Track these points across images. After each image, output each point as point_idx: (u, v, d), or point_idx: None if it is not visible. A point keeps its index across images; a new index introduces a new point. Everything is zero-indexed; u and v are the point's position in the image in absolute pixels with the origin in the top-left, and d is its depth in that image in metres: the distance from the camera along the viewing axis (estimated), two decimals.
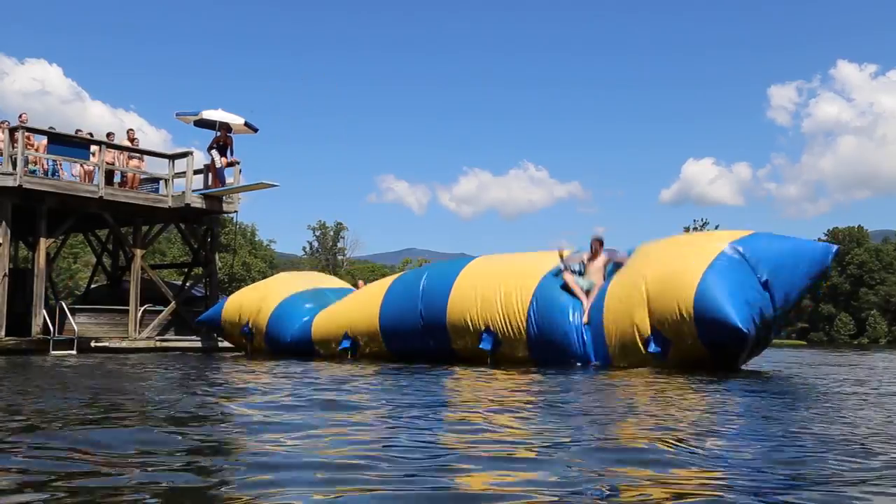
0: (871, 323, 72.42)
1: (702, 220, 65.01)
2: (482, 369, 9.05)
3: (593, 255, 10.27)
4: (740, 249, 8.84)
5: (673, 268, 9.04)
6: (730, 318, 8.24)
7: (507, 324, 10.30)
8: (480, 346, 10.47)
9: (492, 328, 10.42)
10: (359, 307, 12.30)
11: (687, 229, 64.63)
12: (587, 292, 9.88)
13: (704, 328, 8.49)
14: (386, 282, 12.65)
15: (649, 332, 8.96)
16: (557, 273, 10.27)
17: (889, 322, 72.53)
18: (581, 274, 10.18)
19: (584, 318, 9.69)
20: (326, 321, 12.59)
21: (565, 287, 10.08)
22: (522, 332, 10.16)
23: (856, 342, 66.11)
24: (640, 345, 9.05)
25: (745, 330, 8.23)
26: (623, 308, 9.24)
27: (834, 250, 9.23)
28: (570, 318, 9.73)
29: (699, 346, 8.68)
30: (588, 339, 9.59)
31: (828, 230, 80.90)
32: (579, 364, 9.50)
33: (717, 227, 63.32)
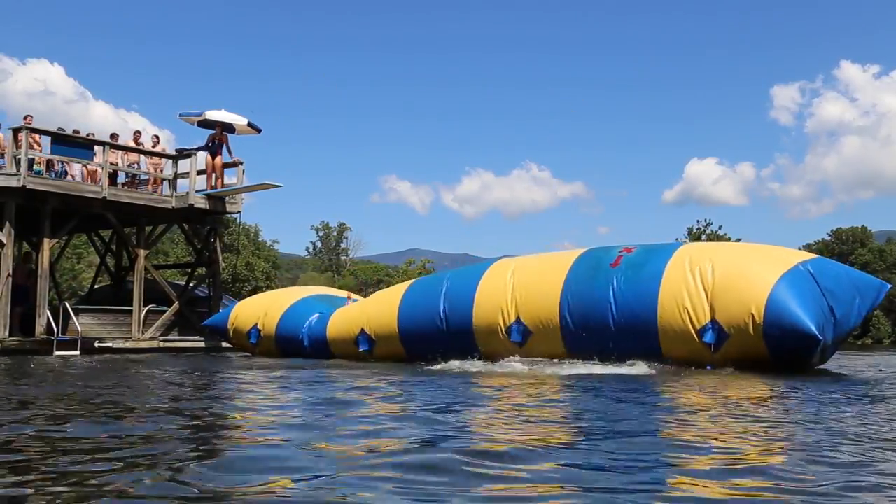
0: (875, 323, 72.19)
1: (705, 220, 64.69)
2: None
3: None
4: (811, 271, 8.78)
5: (746, 265, 8.89)
6: (805, 324, 8.12)
7: (539, 314, 10.02)
8: (511, 340, 10.22)
9: (522, 320, 10.18)
10: (376, 307, 12.24)
11: (690, 230, 64.39)
12: None
13: (774, 332, 8.34)
14: (403, 285, 12.56)
15: (708, 320, 8.74)
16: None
17: (893, 322, 72.31)
18: None
19: None
20: (343, 319, 12.54)
21: None
22: (556, 321, 9.87)
23: (859, 342, 65.95)
24: (693, 332, 8.80)
25: (819, 337, 8.12)
26: (682, 294, 8.93)
27: (887, 288, 9.31)
28: (609, 291, 9.45)
29: (761, 348, 8.50)
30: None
31: (831, 230, 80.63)
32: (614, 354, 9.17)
33: (720, 227, 63.16)
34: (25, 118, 15.49)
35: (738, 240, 62.43)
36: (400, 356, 11.65)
